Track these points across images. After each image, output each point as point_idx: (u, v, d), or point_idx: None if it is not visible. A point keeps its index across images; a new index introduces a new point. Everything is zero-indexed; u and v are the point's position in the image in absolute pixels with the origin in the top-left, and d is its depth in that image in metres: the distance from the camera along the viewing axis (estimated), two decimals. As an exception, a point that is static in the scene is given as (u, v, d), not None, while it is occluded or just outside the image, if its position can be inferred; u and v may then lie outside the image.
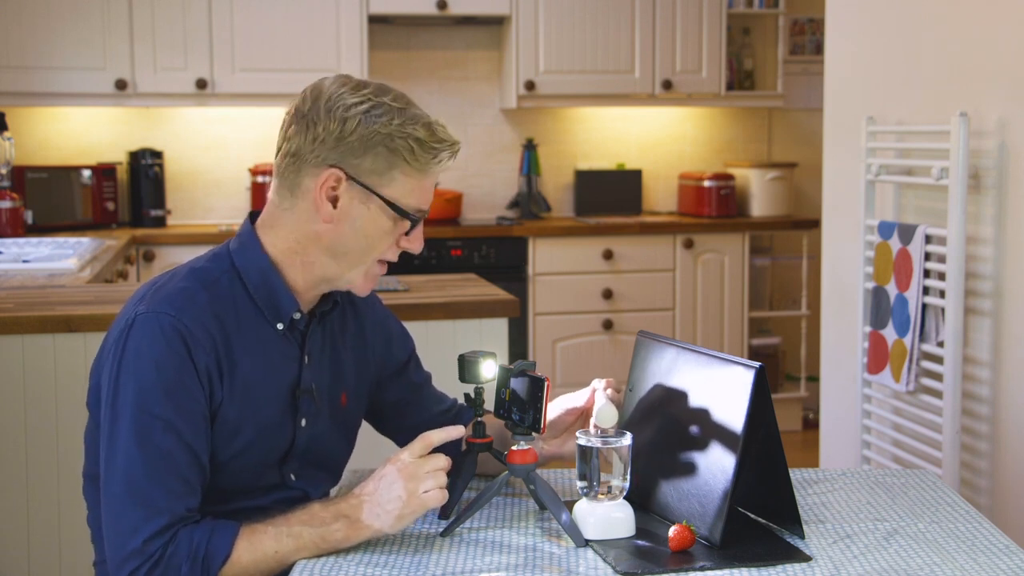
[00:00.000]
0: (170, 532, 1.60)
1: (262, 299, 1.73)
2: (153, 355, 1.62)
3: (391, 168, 1.68)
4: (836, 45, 3.57)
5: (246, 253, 1.74)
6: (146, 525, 1.59)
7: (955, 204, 2.84)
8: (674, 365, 1.74)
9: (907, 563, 1.56)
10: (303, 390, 1.77)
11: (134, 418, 1.61)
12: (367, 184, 1.68)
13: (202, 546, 1.60)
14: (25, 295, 3.02)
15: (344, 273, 1.74)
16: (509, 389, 1.70)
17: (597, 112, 5.68)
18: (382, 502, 1.62)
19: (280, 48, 5.03)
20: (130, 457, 1.60)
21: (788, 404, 5.49)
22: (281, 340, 1.75)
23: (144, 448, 1.60)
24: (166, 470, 1.61)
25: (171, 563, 1.59)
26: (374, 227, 1.70)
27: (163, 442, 1.61)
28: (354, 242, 1.71)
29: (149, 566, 1.58)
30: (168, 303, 1.65)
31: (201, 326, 1.65)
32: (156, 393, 1.61)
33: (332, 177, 1.68)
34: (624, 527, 1.63)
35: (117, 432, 1.62)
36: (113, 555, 1.61)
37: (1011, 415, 2.76)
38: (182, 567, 1.59)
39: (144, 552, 1.58)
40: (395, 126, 1.66)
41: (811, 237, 5.40)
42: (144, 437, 1.61)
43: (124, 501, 1.60)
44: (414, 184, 1.69)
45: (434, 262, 5.06)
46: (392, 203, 1.69)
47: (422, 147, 1.67)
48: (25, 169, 4.88)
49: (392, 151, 1.67)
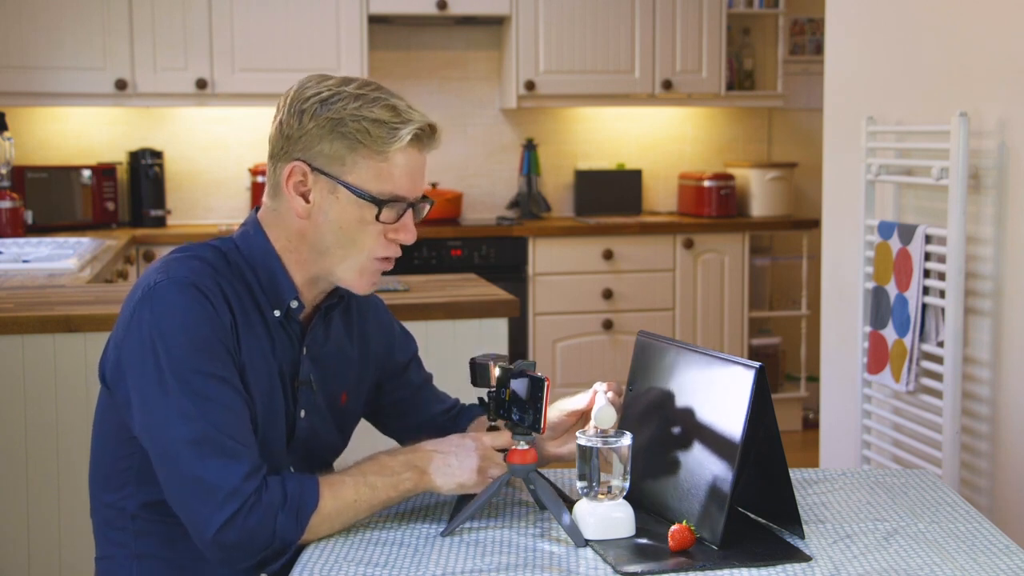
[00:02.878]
0: (259, 476, 1.59)
1: (264, 281, 1.73)
2: (179, 317, 1.62)
3: (350, 153, 1.66)
4: (836, 45, 3.57)
5: (251, 238, 1.76)
6: (233, 471, 1.57)
7: (955, 204, 2.84)
8: (674, 365, 1.74)
9: (907, 563, 1.56)
10: (301, 382, 1.77)
11: (184, 380, 1.60)
12: (330, 173, 1.68)
13: (295, 494, 1.60)
14: (25, 295, 3.03)
15: (334, 270, 1.73)
16: (509, 389, 1.70)
17: (597, 112, 5.68)
18: (453, 464, 1.67)
19: (280, 48, 5.03)
20: (193, 419, 1.59)
21: (788, 404, 5.49)
22: (279, 328, 1.75)
23: (205, 406, 1.59)
24: (232, 419, 1.61)
25: (268, 509, 1.58)
26: (347, 218, 1.69)
27: (220, 395, 1.61)
28: (332, 236, 1.70)
29: (248, 508, 1.57)
30: (187, 269, 1.67)
31: (217, 289, 1.67)
32: (198, 352, 1.61)
33: (297, 171, 1.69)
34: (624, 527, 1.63)
35: (172, 398, 1.60)
36: (204, 507, 1.57)
37: (1011, 415, 2.76)
38: (278, 515, 1.58)
39: (242, 492, 1.57)
40: (349, 111, 1.66)
41: (811, 237, 5.40)
42: (201, 396, 1.59)
43: (199, 457, 1.58)
44: (378, 168, 1.67)
45: (434, 262, 5.06)
46: (356, 189, 1.67)
47: (379, 127, 1.65)
48: (25, 169, 4.88)
49: (347, 136, 1.66)
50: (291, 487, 1.60)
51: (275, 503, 1.59)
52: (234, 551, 1.59)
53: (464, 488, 1.67)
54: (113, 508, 1.74)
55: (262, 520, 1.58)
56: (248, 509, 1.57)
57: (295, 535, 1.60)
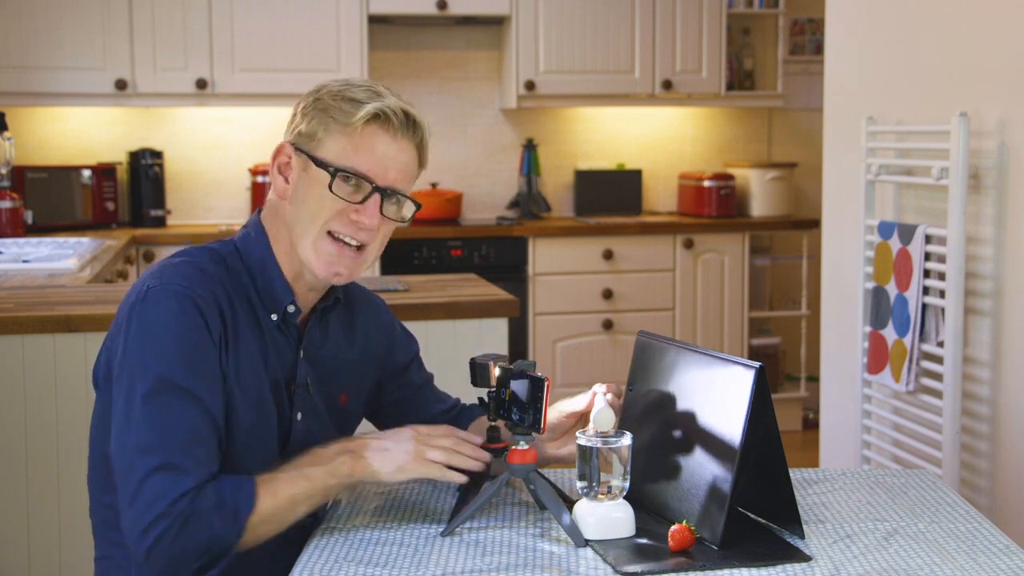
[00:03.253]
0: (195, 491, 1.58)
1: (260, 285, 1.74)
2: (170, 325, 1.63)
3: (321, 128, 1.70)
4: (836, 45, 3.57)
5: (250, 240, 1.77)
6: (173, 488, 1.57)
7: (955, 204, 2.84)
8: (674, 365, 1.74)
9: (907, 563, 1.56)
10: (297, 384, 1.77)
11: (155, 389, 1.60)
12: (304, 149, 1.71)
13: (229, 498, 1.59)
14: (25, 295, 3.03)
15: (297, 248, 1.73)
16: (509, 389, 1.70)
17: (597, 112, 5.68)
18: (388, 447, 1.66)
19: (280, 48, 5.03)
20: (154, 427, 1.59)
21: (788, 404, 5.49)
22: (276, 332, 1.75)
23: (168, 418, 1.59)
24: (191, 439, 1.60)
25: (201, 518, 1.57)
26: (312, 192, 1.70)
27: (186, 410, 1.61)
28: (300, 210, 1.72)
29: (179, 524, 1.56)
30: (181, 275, 1.67)
31: (211, 296, 1.67)
32: (176, 363, 1.61)
33: (283, 150, 1.74)
34: (624, 527, 1.63)
35: (137, 405, 1.61)
36: (138, 522, 1.57)
37: (1011, 415, 2.76)
38: (213, 521, 1.57)
39: (171, 512, 1.56)
40: (330, 93, 1.71)
41: (811, 237, 5.40)
42: (167, 407, 1.60)
43: (149, 469, 1.58)
44: (345, 143, 1.69)
45: (434, 262, 5.07)
46: (318, 159, 1.69)
47: (349, 104, 1.69)
48: (25, 169, 4.88)
49: (322, 111, 1.70)
50: (227, 491, 1.59)
51: (210, 508, 1.58)
52: (166, 566, 1.58)
53: (403, 471, 1.66)
54: (112, 508, 1.74)
55: (195, 530, 1.56)
56: (179, 528, 1.56)
57: (233, 538, 1.59)
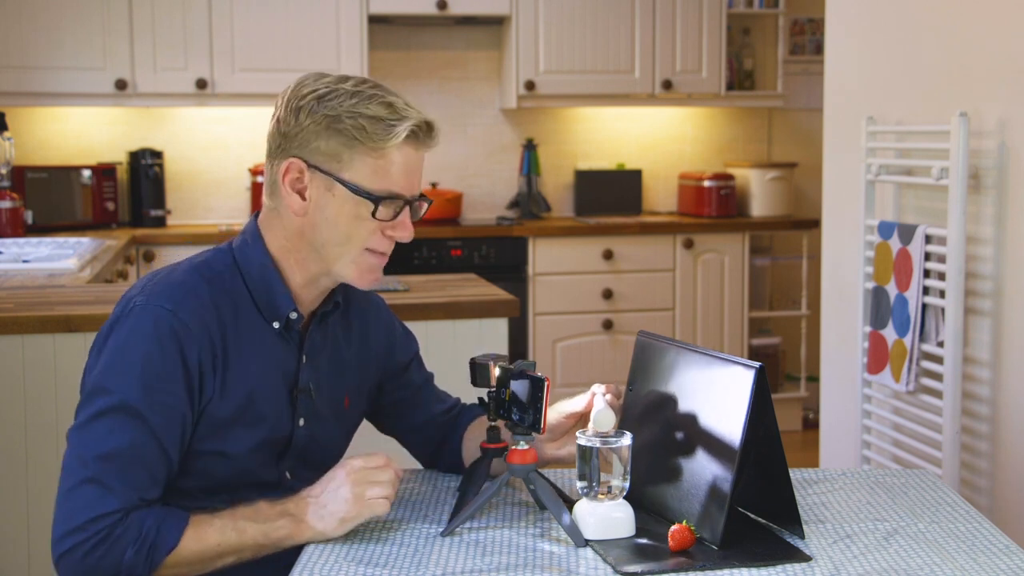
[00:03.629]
0: (120, 514, 1.59)
1: (260, 297, 1.73)
2: (141, 347, 1.63)
3: (346, 150, 1.66)
4: (836, 45, 3.57)
5: (248, 250, 1.76)
6: (98, 504, 1.58)
7: (955, 204, 2.84)
8: (674, 365, 1.74)
9: (907, 563, 1.56)
10: (300, 389, 1.77)
11: (110, 404, 1.61)
12: (326, 170, 1.68)
13: (151, 533, 1.59)
14: (25, 295, 3.03)
15: (331, 267, 1.73)
16: (509, 389, 1.70)
17: (597, 112, 5.68)
18: (327, 503, 1.63)
19: (280, 48, 5.03)
20: (98, 440, 1.60)
21: (788, 404, 5.49)
22: (278, 339, 1.75)
23: (114, 434, 1.60)
24: (131, 460, 1.61)
25: (117, 544, 1.57)
26: (343, 214, 1.69)
27: (135, 432, 1.61)
28: (329, 233, 1.70)
29: (93, 543, 1.57)
30: (167, 296, 1.66)
31: (199, 320, 1.66)
32: (137, 385, 1.62)
33: (293, 168, 1.69)
34: (624, 527, 1.63)
35: (90, 414, 1.62)
36: (59, 526, 1.59)
37: (1011, 415, 2.76)
38: (127, 551, 1.58)
39: (88, 529, 1.57)
40: (345, 108, 1.66)
41: (811, 237, 5.40)
42: (116, 424, 1.61)
43: (81, 479, 1.59)
44: (374, 165, 1.67)
45: (434, 262, 5.07)
46: (352, 186, 1.67)
47: (374, 124, 1.65)
48: (25, 169, 4.88)
49: (342, 132, 1.66)
50: (148, 526, 1.59)
51: (127, 539, 1.58)
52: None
53: (346, 523, 1.63)
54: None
55: (105, 556, 1.57)
56: (91, 547, 1.57)
57: (143, 572, 1.59)
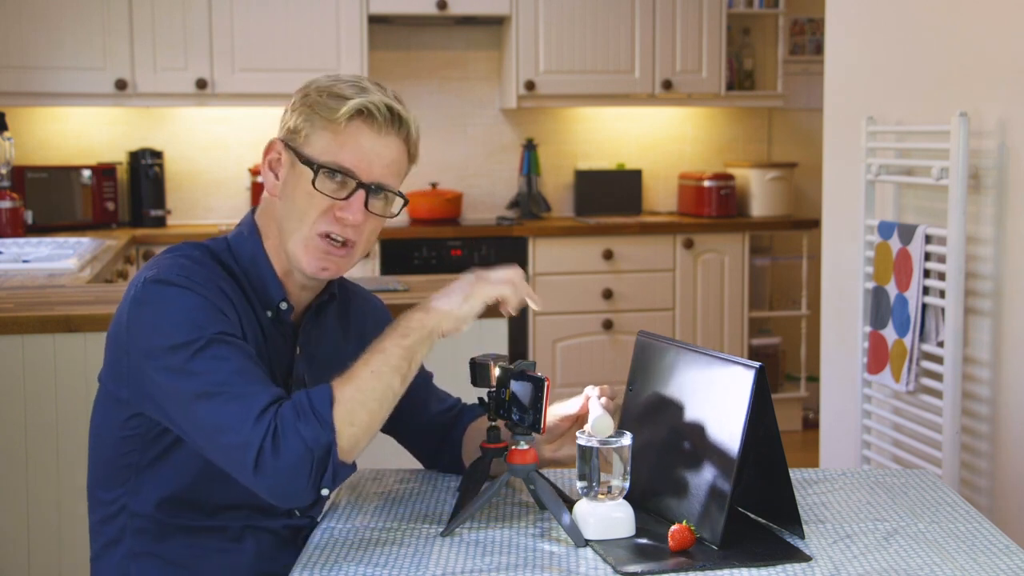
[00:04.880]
0: (272, 405, 1.56)
1: (253, 285, 1.74)
2: (180, 300, 1.62)
3: (307, 124, 1.70)
4: (836, 45, 3.57)
5: (243, 239, 1.77)
6: (249, 411, 1.55)
7: (955, 204, 2.84)
8: (674, 365, 1.74)
9: (907, 563, 1.56)
10: (294, 380, 1.77)
11: (187, 351, 1.59)
12: (292, 145, 1.72)
13: (305, 402, 1.56)
14: (25, 295, 3.02)
15: (286, 246, 1.73)
16: (509, 389, 1.70)
17: (597, 112, 5.68)
18: (450, 289, 1.68)
19: (280, 48, 5.03)
20: (201, 375, 1.58)
21: (788, 404, 5.49)
22: (272, 329, 1.76)
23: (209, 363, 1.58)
24: (238, 370, 1.59)
25: (287, 429, 1.54)
26: (299, 189, 1.70)
27: (223, 352, 1.59)
28: (287, 208, 1.72)
29: (269, 441, 1.53)
30: (178, 267, 1.67)
31: (212, 284, 1.67)
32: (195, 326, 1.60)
33: (273, 148, 1.74)
34: (624, 527, 1.63)
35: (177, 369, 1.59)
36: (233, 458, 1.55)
37: (1011, 415, 2.76)
38: (299, 428, 1.54)
39: (256, 433, 1.53)
40: (316, 87, 1.71)
41: (811, 237, 5.40)
42: (204, 356, 1.58)
43: (215, 408, 1.56)
44: (330, 139, 1.68)
45: (434, 262, 5.07)
46: (303, 155, 1.69)
47: (332, 99, 1.68)
48: (25, 169, 4.88)
49: (308, 107, 1.70)
50: (299, 401, 1.57)
51: (291, 419, 1.55)
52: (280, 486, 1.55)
53: (471, 299, 1.66)
54: (110, 506, 1.75)
55: (288, 445, 1.54)
56: (270, 445, 1.53)
57: (326, 436, 1.55)
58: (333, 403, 1.57)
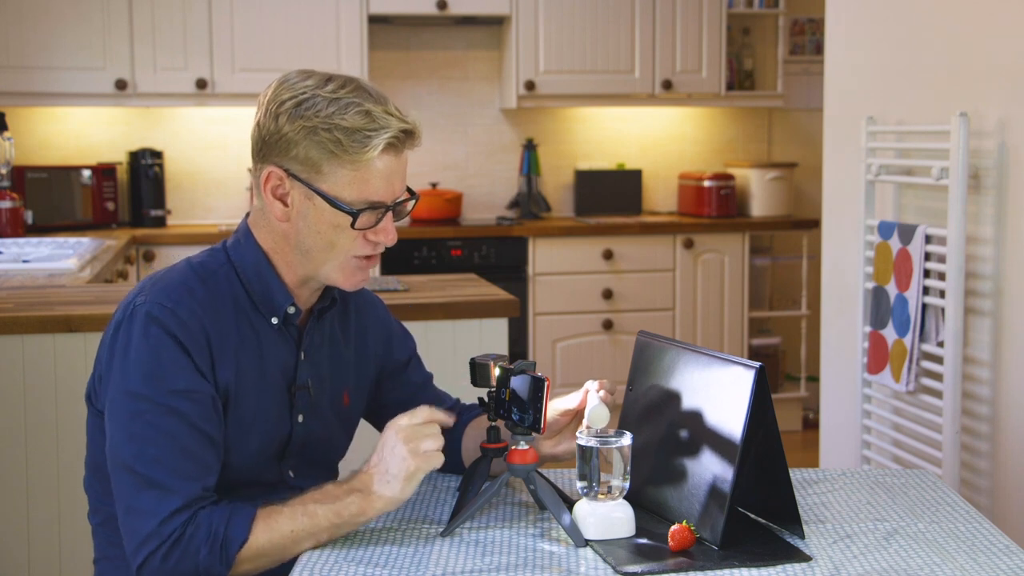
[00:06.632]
0: (188, 512, 1.59)
1: (257, 293, 1.74)
2: (153, 344, 1.63)
3: (324, 162, 1.65)
4: (836, 45, 3.57)
5: (241, 248, 1.76)
6: (160, 507, 1.58)
7: (955, 204, 2.84)
8: (674, 365, 1.74)
9: (907, 563, 1.56)
10: (299, 386, 1.77)
11: (137, 405, 1.61)
12: (305, 180, 1.67)
13: (220, 529, 1.59)
14: (25, 295, 3.02)
15: (319, 270, 1.73)
16: (509, 389, 1.70)
17: (597, 112, 5.68)
18: (389, 467, 1.62)
19: (280, 48, 5.03)
20: (138, 442, 1.60)
21: (788, 404, 5.49)
22: (277, 335, 1.76)
23: (150, 432, 1.60)
24: (174, 452, 1.60)
25: (190, 545, 1.58)
26: (324, 223, 1.68)
27: (169, 425, 1.61)
28: (312, 240, 1.70)
29: (168, 547, 1.57)
30: (165, 295, 1.67)
31: (196, 319, 1.67)
32: (157, 380, 1.62)
33: (273, 175, 1.69)
34: (624, 527, 1.63)
35: (122, 420, 1.62)
36: (130, 541, 1.60)
37: (1011, 415, 2.76)
38: (201, 550, 1.58)
39: (160, 533, 1.57)
40: (321, 118, 1.64)
41: (811, 237, 5.40)
42: (149, 422, 1.61)
43: (136, 487, 1.60)
44: (352, 176, 1.65)
45: (434, 262, 5.07)
46: (330, 198, 1.66)
47: (350, 136, 1.63)
48: (25, 169, 4.88)
49: (319, 144, 1.64)
50: (216, 523, 1.59)
51: (199, 539, 1.58)
52: None
53: (412, 478, 1.61)
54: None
55: (182, 559, 1.58)
56: (167, 550, 1.57)
57: (220, 569, 1.59)
58: (243, 546, 1.59)
